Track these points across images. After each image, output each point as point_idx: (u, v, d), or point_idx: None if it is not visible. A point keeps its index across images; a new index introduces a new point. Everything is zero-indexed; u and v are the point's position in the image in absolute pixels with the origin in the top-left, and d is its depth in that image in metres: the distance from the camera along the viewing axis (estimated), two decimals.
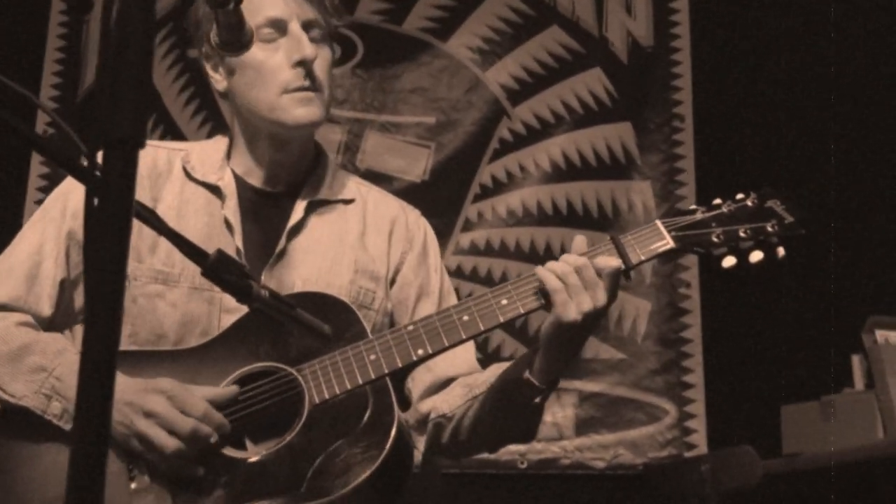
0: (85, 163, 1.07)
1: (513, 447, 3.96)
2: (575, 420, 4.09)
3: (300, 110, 2.02)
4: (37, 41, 4.29)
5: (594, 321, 1.80)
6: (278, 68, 2.02)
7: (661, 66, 4.44)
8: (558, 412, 4.08)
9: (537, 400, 1.89)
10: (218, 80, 2.13)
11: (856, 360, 3.58)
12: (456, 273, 4.10)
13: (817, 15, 4.28)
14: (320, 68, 2.05)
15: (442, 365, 2.09)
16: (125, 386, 1.77)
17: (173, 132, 4.19)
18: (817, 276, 4.06)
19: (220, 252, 1.52)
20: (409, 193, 3.85)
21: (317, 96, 2.03)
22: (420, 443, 2.12)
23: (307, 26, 2.05)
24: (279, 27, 2.04)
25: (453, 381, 2.11)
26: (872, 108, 4.28)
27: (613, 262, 1.80)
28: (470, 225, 4.23)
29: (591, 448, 4.07)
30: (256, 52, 1.98)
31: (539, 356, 1.87)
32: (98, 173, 0.98)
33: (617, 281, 1.81)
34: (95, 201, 1.00)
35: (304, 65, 2.01)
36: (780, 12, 4.40)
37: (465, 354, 2.13)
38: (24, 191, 4.05)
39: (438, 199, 4.21)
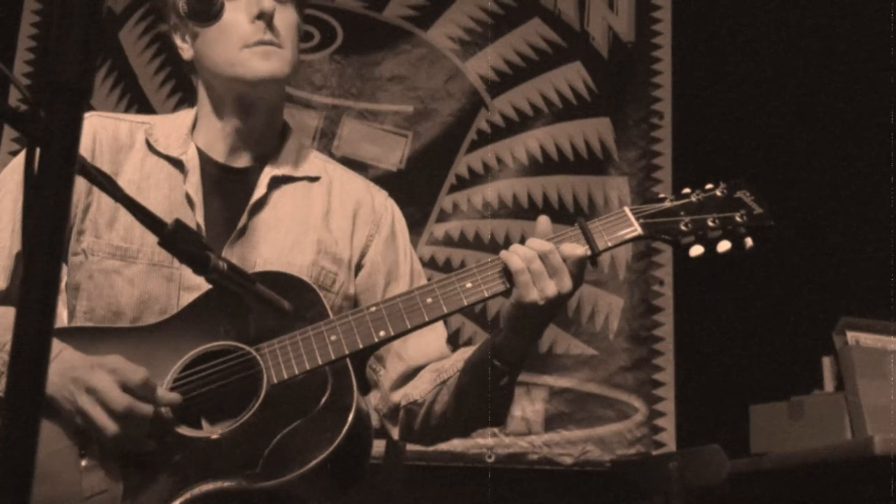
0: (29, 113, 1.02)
1: (481, 440, 3.99)
2: (544, 415, 4.08)
3: (260, 64, 1.97)
4: (11, 20, 4.23)
5: (557, 306, 1.78)
6: (238, 23, 1.97)
7: (642, 61, 4.44)
8: (528, 407, 4.07)
9: (503, 381, 1.87)
10: (185, 49, 2.09)
11: (826, 362, 3.56)
12: (429, 264, 4.08)
13: (799, 12, 4.30)
14: (283, 24, 2.00)
15: (413, 353, 2.07)
16: (74, 361, 1.73)
17: (144, 107, 4.15)
18: (790, 276, 4.09)
19: (177, 221, 1.50)
20: (385, 182, 3.72)
21: (278, 51, 1.99)
22: (393, 432, 2.10)
23: None
24: None
25: (423, 370, 2.08)
26: (851, 107, 4.28)
27: (579, 249, 1.78)
28: (444, 215, 4.21)
29: (559, 444, 4.06)
30: None
31: (501, 337, 1.86)
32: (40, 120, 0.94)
33: (583, 268, 1.79)
34: (37, 153, 0.95)
35: (263, 17, 1.97)
36: (763, 9, 4.41)
37: (437, 342, 2.10)
38: None
39: (414, 188, 4.19)
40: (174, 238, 1.47)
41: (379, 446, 2.18)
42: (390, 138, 4.25)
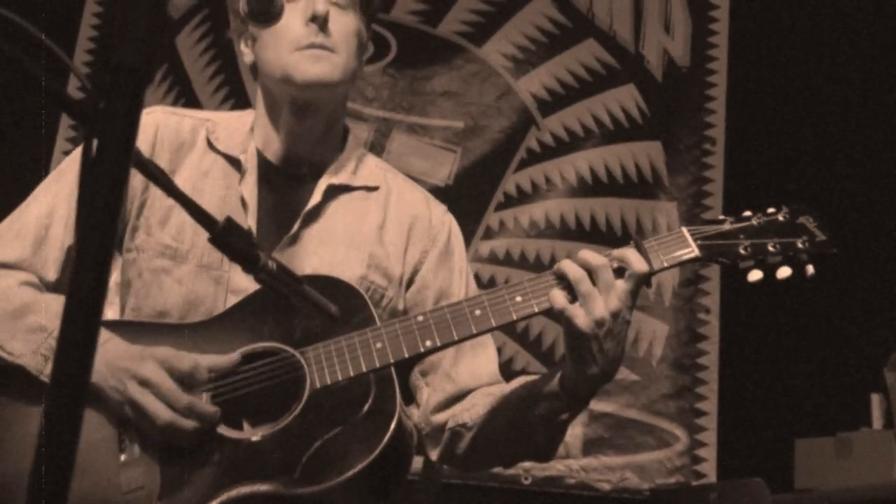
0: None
1: None
2: (583, 439, 4.03)
3: (310, 67, 1.94)
4: (75, 8, 4.30)
5: (610, 329, 1.69)
6: (292, 26, 1.95)
7: (696, 86, 4.39)
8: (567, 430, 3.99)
9: (564, 416, 1.81)
10: (246, 54, 2.08)
11: (875, 399, 3.51)
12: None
13: (856, 41, 4.25)
14: (338, 29, 1.97)
15: (465, 375, 2.01)
16: (121, 351, 1.73)
17: (187, 94, 4.19)
18: (841, 308, 4.02)
19: (229, 219, 1.48)
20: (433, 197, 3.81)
21: (330, 55, 1.96)
22: (432, 453, 2.04)
23: None
24: None
25: (473, 393, 2.02)
26: None
27: (642, 263, 1.71)
28: (491, 233, 4.19)
29: (597, 469, 4.00)
30: None
31: (569, 370, 1.77)
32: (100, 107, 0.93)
33: (639, 286, 1.72)
34: (94, 143, 0.94)
35: (317, 20, 1.94)
36: (821, 37, 4.36)
37: (489, 366, 2.05)
38: (51, 149, 4.03)
39: (461, 204, 4.06)
40: (225, 235, 1.45)
41: (416, 462, 2.12)
42: (439, 153, 4.25)
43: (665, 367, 4.11)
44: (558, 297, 1.72)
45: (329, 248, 1.99)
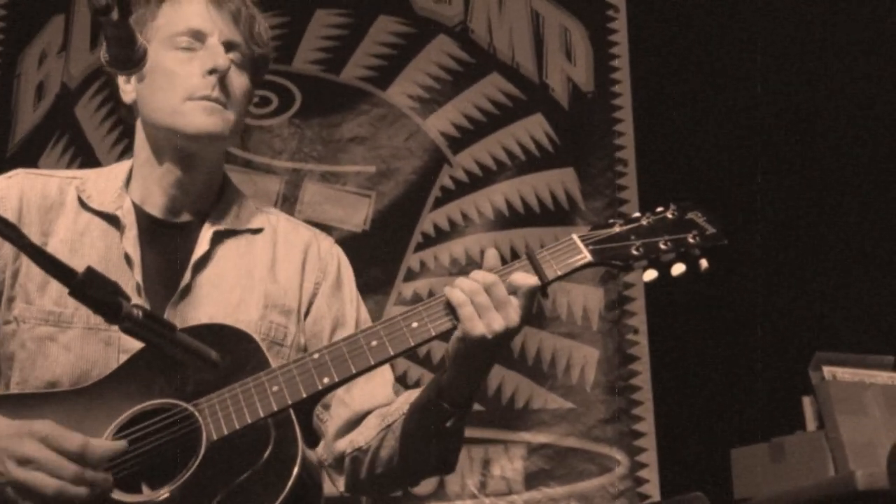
0: None
1: (459, 502, 3.91)
2: (524, 473, 4.01)
3: (202, 118, 1.92)
4: None
5: (505, 341, 1.72)
6: (189, 75, 1.93)
7: (603, 110, 4.44)
8: (507, 466, 4.00)
9: (450, 423, 1.80)
10: (127, 92, 2.03)
11: (807, 402, 3.48)
12: None
13: (755, 53, 4.31)
14: (234, 86, 1.97)
15: (359, 399, 1.99)
16: None
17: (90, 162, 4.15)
18: (764, 315, 4.05)
19: (89, 269, 1.44)
20: (350, 243, 3.77)
21: (222, 110, 1.94)
22: (339, 482, 2.02)
23: (228, 46, 1.98)
24: (198, 38, 1.97)
25: (369, 416, 2.01)
26: (820, 147, 4.29)
27: (530, 279, 1.73)
28: (412, 274, 4.17)
29: (541, 502, 3.98)
30: (169, 58, 1.94)
31: (447, 377, 1.79)
32: None
33: (533, 299, 1.74)
34: None
35: (216, 73, 1.93)
36: (720, 53, 4.43)
37: (383, 387, 2.03)
38: None
39: (380, 248, 4.15)
40: (84, 287, 1.40)
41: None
42: (353, 199, 4.24)
43: (599, 392, 4.11)
44: (458, 296, 1.71)
45: (223, 293, 1.95)
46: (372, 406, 2.00)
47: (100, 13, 1.59)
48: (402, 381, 3.77)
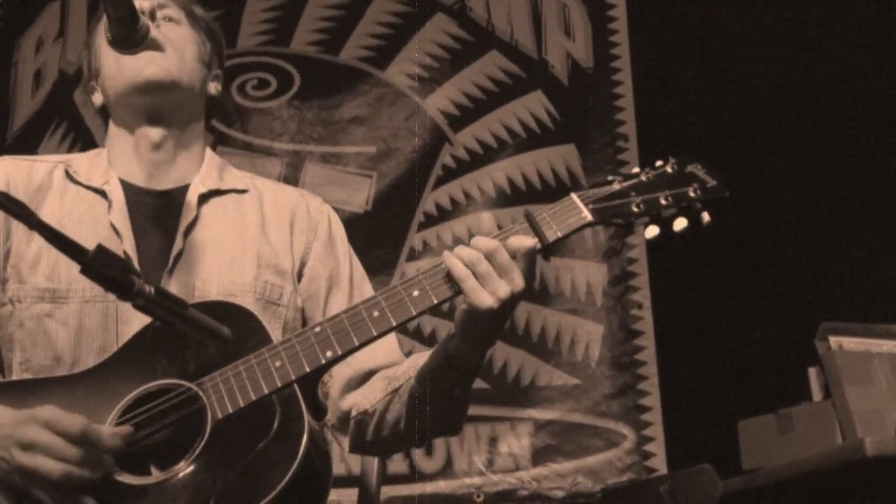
0: None
1: (468, 480, 3.93)
2: (531, 449, 4.01)
3: (144, 68, 1.96)
4: None
5: (512, 306, 1.70)
6: None
7: (603, 86, 4.43)
8: (514, 442, 4.01)
9: (457, 390, 1.81)
10: (96, 97, 2.11)
11: (812, 373, 3.48)
12: None
13: (758, 25, 4.31)
14: (169, 36, 2.01)
15: (361, 357, 1.96)
16: (1, 419, 1.63)
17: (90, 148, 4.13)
18: (769, 286, 4.06)
19: (99, 246, 1.44)
20: (352, 224, 3.78)
21: (161, 55, 1.97)
22: (344, 442, 2.02)
23: (159, 7, 2.04)
24: None
25: (374, 374, 2.01)
26: (822, 115, 4.27)
27: (528, 241, 1.70)
28: (415, 254, 4.16)
29: (548, 477, 3.98)
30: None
31: (454, 345, 1.78)
32: None
33: (534, 261, 1.72)
34: None
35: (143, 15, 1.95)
36: (720, 27, 4.40)
37: (386, 345, 2.02)
38: None
39: (382, 228, 4.15)
40: (96, 264, 1.40)
41: (352, 495, 2.12)
42: (355, 180, 4.24)
43: (604, 367, 4.12)
44: (460, 269, 1.69)
45: (217, 255, 1.97)
46: (375, 365, 2.01)
47: None
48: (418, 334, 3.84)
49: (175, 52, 2.00)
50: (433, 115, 4.34)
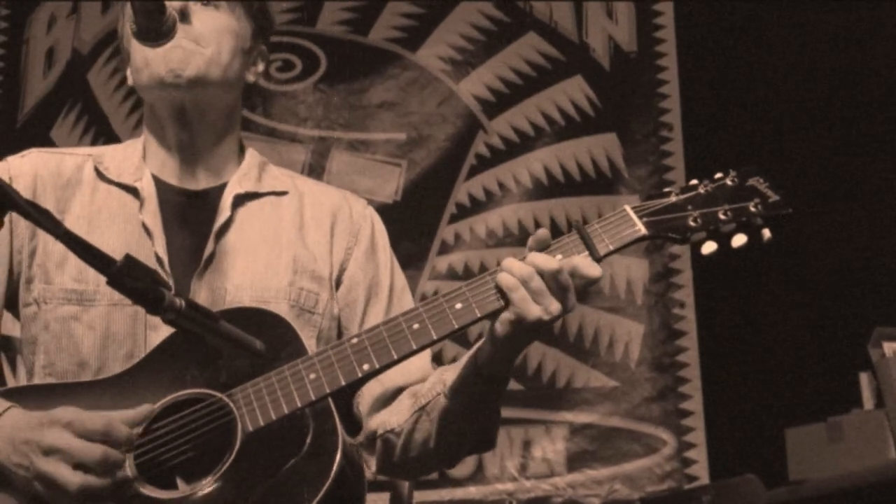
0: None
1: (500, 486, 3.90)
2: (566, 455, 3.97)
3: (171, 63, 1.88)
4: None
5: (555, 322, 1.67)
6: None
7: (646, 72, 4.36)
8: (548, 447, 3.98)
9: (489, 402, 1.79)
10: (129, 75, 2.01)
11: (864, 379, 3.47)
12: None
13: (805, 14, 4.22)
14: (203, 23, 1.91)
15: (392, 374, 1.88)
16: (22, 422, 1.58)
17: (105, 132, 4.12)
18: (820, 288, 3.99)
19: (127, 257, 1.40)
20: (381, 215, 3.66)
21: (195, 47, 1.88)
22: (370, 463, 1.95)
23: None
24: None
25: (403, 391, 1.95)
26: (872, 113, 4.17)
27: (593, 269, 1.65)
28: (447, 247, 4.13)
29: (584, 484, 3.94)
30: None
31: (485, 356, 1.71)
32: None
33: (589, 286, 1.69)
34: None
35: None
36: (768, 12, 4.31)
37: (419, 361, 1.93)
38: None
39: (412, 220, 4.11)
40: (123, 276, 1.36)
41: (383, 499, 2.10)
42: (384, 169, 4.19)
43: (644, 369, 4.07)
44: (508, 279, 1.63)
45: (249, 258, 1.91)
46: (406, 382, 1.94)
47: None
48: (437, 360, 3.70)
49: (208, 44, 1.91)
50: (467, 101, 4.28)
